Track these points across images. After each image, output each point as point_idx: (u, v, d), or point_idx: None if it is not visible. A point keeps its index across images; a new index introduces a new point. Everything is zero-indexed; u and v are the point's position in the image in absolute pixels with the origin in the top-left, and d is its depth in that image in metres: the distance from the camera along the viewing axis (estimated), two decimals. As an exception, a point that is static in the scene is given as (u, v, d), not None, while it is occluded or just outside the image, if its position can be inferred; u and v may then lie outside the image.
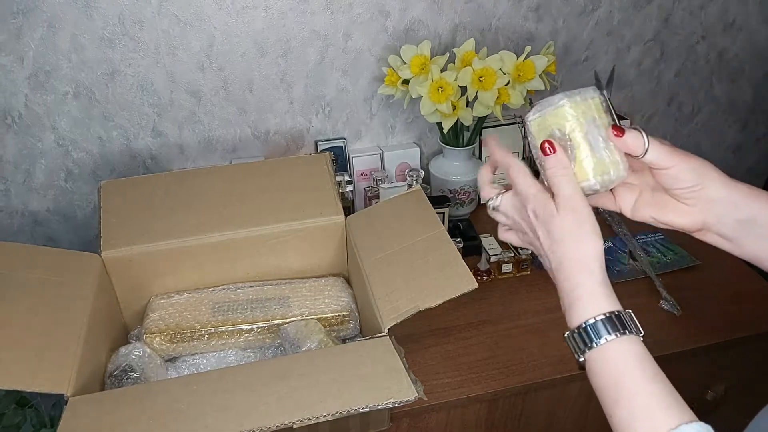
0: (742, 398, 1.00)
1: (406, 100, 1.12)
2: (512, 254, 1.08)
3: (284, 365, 0.75)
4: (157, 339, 0.89)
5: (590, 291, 0.53)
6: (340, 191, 1.03)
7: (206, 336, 0.90)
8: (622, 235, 1.16)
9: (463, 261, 0.83)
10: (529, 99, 1.12)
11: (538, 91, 1.09)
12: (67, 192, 1.17)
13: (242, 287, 0.97)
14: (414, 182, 1.11)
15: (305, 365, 0.74)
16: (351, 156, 1.25)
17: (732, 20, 1.36)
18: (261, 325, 0.91)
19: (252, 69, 1.14)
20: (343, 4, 1.12)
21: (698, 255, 1.11)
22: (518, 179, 0.58)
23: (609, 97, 0.59)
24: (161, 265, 0.94)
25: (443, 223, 1.09)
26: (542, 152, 0.56)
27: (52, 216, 1.19)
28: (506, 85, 1.07)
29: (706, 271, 1.09)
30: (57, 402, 0.98)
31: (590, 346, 0.51)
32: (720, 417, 0.69)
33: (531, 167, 0.59)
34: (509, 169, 0.58)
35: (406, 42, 1.16)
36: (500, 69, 1.07)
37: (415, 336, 0.95)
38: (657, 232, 1.18)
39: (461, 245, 1.07)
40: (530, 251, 1.07)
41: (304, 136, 1.24)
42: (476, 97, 1.07)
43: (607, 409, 0.49)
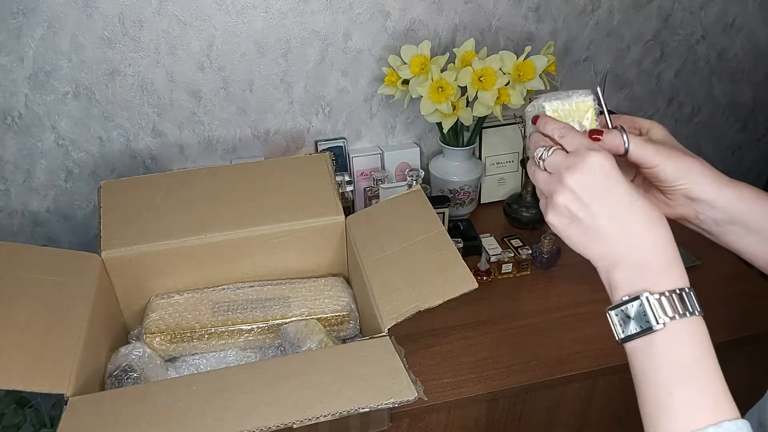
0: (743, 398, 1.00)
1: (406, 100, 1.12)
2: (512, 254, 1.08)
3: (284, 365, 0.75)
4: (157, 339, 0.89)
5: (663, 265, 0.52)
6: (340, 191, 1.03)
7: (206, 336, 0.90)
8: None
9: (463, 261, 0.83)
10: (529, 99, 1.12)
11: (538, 91, 1.09)
12: (67, 192, 1.17)
13: (242, 287, 0.97)
14: (414, 182, 1.11)
15: (305, 365, 0.74)
16: (351, 156, 1.25)
17: (732, 20, 1.36)
18: (261, 325, 0.91)
19: (252, 69, 1.14)
20: (343, 4, 1.12)
21: (698, 255, 1.11)
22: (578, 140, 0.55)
23: (603, 97, 0.60)
24: (161, 265, 0.94)
25: (443, 223, 1.09)
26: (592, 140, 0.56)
27: (52, 216, 1.19)
28: (506, 85, 1.07)
29: (706, 271, 1.08)
30: (57, 402, 0.98)
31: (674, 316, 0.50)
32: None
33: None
34: (568, 132, 0.56)
35: (406, 42, 1.16)
36: (500, 69, 1.07)
37: (415, 336, 0.96)
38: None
39: (461, 245, 1.07)
40: (530, 251, 1.08)
41: (304, 136, 1.24)
42: (476, 97, 1.07)
43: (669, 387, 0.48)
